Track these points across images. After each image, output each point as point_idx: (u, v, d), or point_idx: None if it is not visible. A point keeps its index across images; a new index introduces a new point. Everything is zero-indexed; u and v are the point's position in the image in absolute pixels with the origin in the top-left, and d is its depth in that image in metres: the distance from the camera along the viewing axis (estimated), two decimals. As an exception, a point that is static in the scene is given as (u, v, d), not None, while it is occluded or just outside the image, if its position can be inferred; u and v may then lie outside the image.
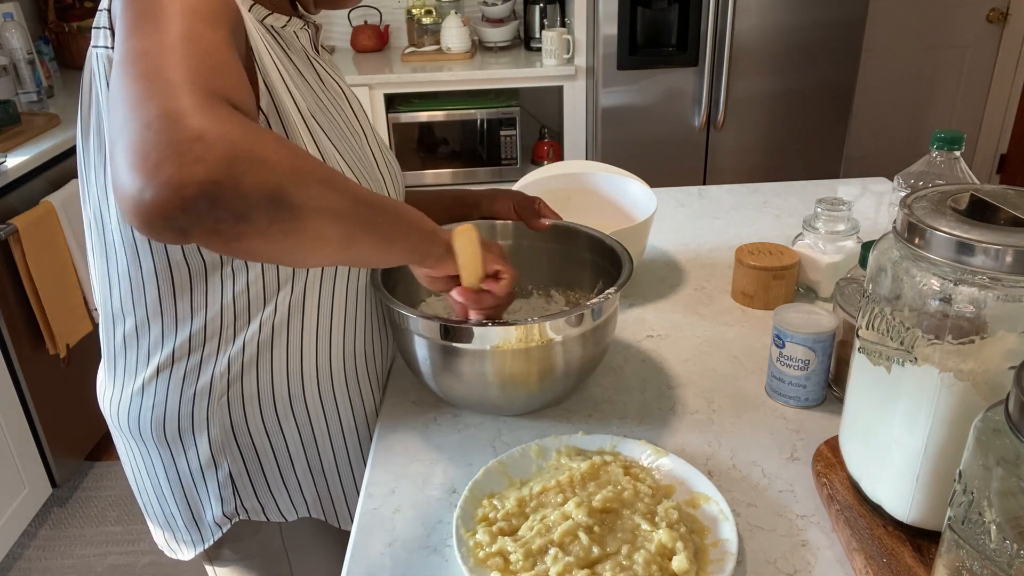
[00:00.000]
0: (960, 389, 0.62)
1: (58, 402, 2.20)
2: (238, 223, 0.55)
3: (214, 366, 0.83)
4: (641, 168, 1.60)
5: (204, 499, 0.89)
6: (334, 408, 0.91)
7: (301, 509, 0.93)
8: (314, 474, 0.92)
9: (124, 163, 0.54)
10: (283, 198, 0.56)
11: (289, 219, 0.58)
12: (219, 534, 0.91)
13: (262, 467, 0.89)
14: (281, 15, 0.82)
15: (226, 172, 0.53)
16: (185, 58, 0.58)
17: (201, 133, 0.54)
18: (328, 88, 0.87)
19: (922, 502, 0.67)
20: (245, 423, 0.86)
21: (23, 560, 2.08)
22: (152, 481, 0.92)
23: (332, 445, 0.93)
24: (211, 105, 0.56)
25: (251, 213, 0.55)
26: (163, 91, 0.55)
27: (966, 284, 0.59)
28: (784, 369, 0.91)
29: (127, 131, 0.55)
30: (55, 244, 2.10)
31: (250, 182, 0.54)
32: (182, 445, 0.87)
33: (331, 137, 0.82)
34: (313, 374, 0.88)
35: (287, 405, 0.88)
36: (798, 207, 1.50)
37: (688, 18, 2.64)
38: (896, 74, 3.42)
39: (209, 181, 0.53)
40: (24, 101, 2.55)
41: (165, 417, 0.86)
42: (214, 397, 0.84)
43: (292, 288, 0.83)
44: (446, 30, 3.01)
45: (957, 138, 1.09)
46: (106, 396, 0.91)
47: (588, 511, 0.72)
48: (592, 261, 1.01)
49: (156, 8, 0.62)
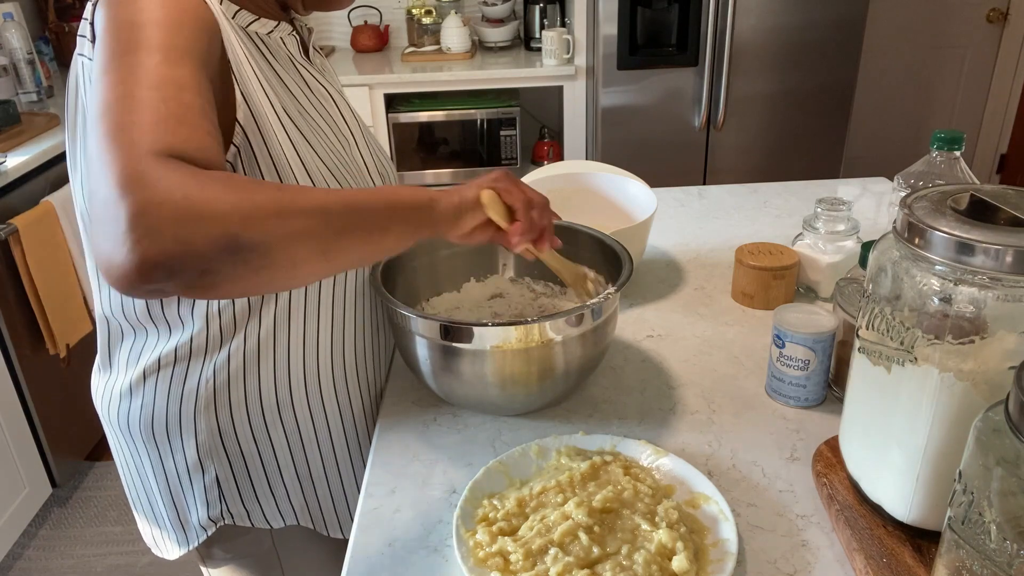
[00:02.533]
0: (960, 389, 0.62)
1: (58, 402, 2.20)
2: (204, 277, 0.58)
3: (200, 373, 0.84)
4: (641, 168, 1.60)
5: (190, 501, 0.90)
6: (323, 417, 0.91)
7: (288, 517, 0.93)
8: (302, 482, 0.92)
9: (97, 233, 0.58)
10: (238, 243, 0.58)
11: (253, 258, 0.59)
12: (204, 536, 0.91)
13: (249, 473, 0.89)
14: (268, 20, 0.82)
15: (175, 239, 0.56)
16: (147, 114, 0.61)
17: (148, 204, 0.56)
18: (315, 93, 0.88)
19: (922, 502, 0.67)
20: (233, 429, 0.86)
21: (23, 560, 2.08)
22: (141, 478, 0.92)
23: (320, 453, 0.93)
24: (164, 167, 0.58)
25: (211, 266, 0.58)
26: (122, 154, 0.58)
27: (966, 284, 0.59)
28: (784, 369, 0.91)
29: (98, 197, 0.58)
30: (55, 244, 2.10)
31: (200, 240, 0.57)
32: (170, 447, 0.87)
33: (312, 143, 0.82)
34: (301, 384, 0.88)
35: (275, 413, 0.88)
36: (798, 207, 1.50)
37: (688, 18, 2.64)
38: (896, 74, 3.42)
39: (162, 254, 0.56)
40: (24, 101, 2.55)
41: (154, 418, 0.86)
42: (201, 402, 0.85)
43: (276, 301, 0.84)
44: (446, 30, 3.01)
45: (957, 138, 1.09)
46: (98, 392, 0.92)
47: (588, 511, 0.71)
48: (592, 261, 1.01)
49: (129, 48, 0.64)
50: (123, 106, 0.61)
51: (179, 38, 0.66)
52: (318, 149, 0.83)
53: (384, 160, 0.98)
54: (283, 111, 0.79)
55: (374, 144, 0.97)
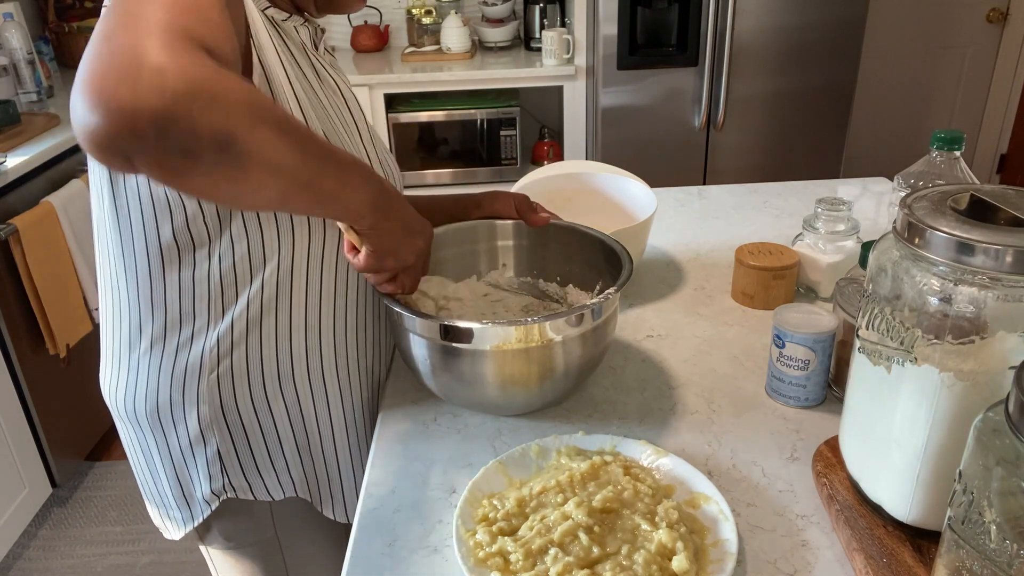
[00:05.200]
0: (960, 389, 0.62)
1: (58, 402, 2.20)
2: (184, 159, 0.56)
3: (204, 342, 0.85)
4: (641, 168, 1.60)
5: (194, 475, 0.91)
6: (322, 390, 0.92)
7: (288, 488, 0.94)
8: (301, 453, 0.93)
9: (82, 84, 0.54)
10: (233, 143, 0.57)
11: (234, 165, 0.58)
12: (208, 511, 0.92)
13: (250, 445, 0.90)
14: (281, 11, 0.83)
15: (182, 106, 0.53)
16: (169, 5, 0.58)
17: (163, 66, 0.53)
18: (324, 83, 0.88)
19: (922, 502, 0.67)
20: (234, 400, 0.87)
21: (23, 560, 2.08)
22: (147, 459, 0.93)
23: (319, 425, 0.93)
24: (182, 45, 0.55)
25: (199, 152, 0.56)
26: (137, 26, 0.55)
27: (966, 284, 0.59)
28: (784, 369, 0.91)
29: (92, 57, 0.55)
30: (55, 244, 2.10)
31: (204, 120, 0.55)
32: (173, 422, 0.88)
33: (323, 126, 0.83)
34: (302, 353, 0.89)
35: (276, 384, 0.88)
36: (798, 207, 1.50)
37: (688, 18, 2.63)
38: (896, 74, 3.41)
39: (163, 111, 0.53)
40: (24, 101, 2.55)
41: (158, 394, 0.87)
42: (204, 373, 0.86)
43: (279, 264, 0.84)
44: (446, 30, 3.01)
45: (957, 138, 1.09)
46: (105, 379, 0.94)
47: (588, 511, 0.71)
48: (592, 261, 1.01)
49: None
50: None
51: None
52: (328, 133, 0.83)
53: (388, 158, 0.98)
54: (299, 88, 0.80)
55: (379, 143, 0.97)
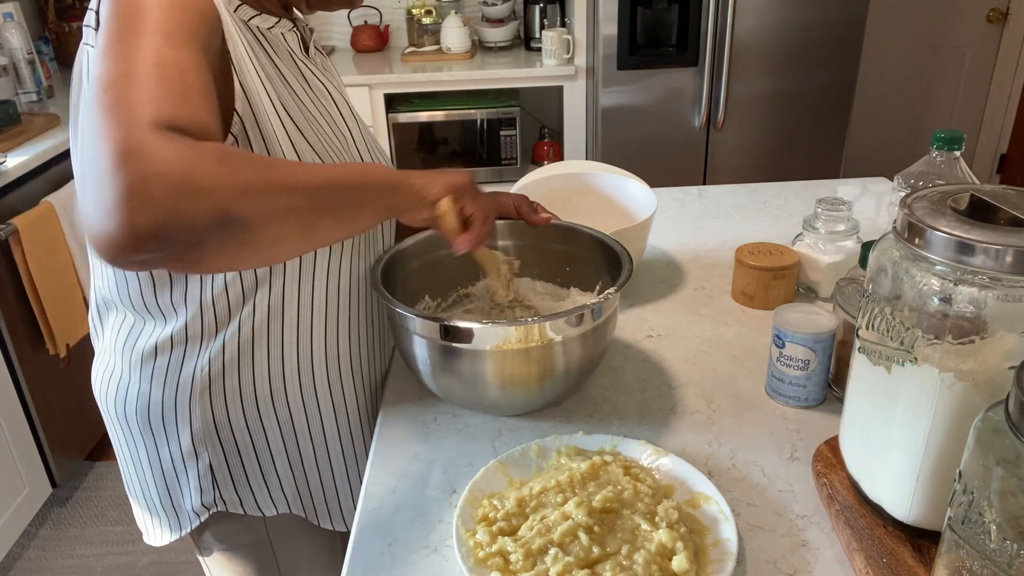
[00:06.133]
0: (960, 389, 0.62)
1: (58, 402, 2.20)
2: (192, 250, 0.59)
3: (196, 361, 0.85)
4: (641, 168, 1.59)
5: (184, 488, 0.90)
6: (315, 408, 0.92)
7: (281, 505, 0.93)
8: (294, 471, 0.93)
9: (87, 202, 0.58)
10: (230, 217, 0.60)
11: (240, 232, 0.61)
12: (196, 522, 0.92)
13: (242, 461, 0.90)
14: (269, 16, 0.83)
15: (171, 210, 0.57)
16: (149, 89, 0.62)
17: (146, 176, 0.57)
18: (314, 90, 0.88)
19: (922, 502, 0.67)
20: (227, 417, 0.87)
21: (23, 560, 2.08)
22: (136, 464, 0.93)
23: (313, 444, 0.93)
24: (163, 140, 0.59)
25: (202, 239, 0.59)
26: (122, 127, 0.59)
27: (966, 284, 0.59)
28: (784, 369, 0.91)
29: (91, 168, 0.59)
30: (55, 244, 2.10)
31: (195, 213, 0.58)
32: (165, 434, 0.88)
33: (308, 137, 0.83)
34: (295, 374, 0.89)
35: (269, 403, 0.88)
36: (798, 207, 1.50)
37: (688, 18, 2.64)
38: (896, 74, 3.42)
39: (158, 223, 0.57)
40: (24, 101, 2.55)
41: (150, 405, 0.87)
42: (196, 390, 0.86)
43: (270, 288, 0.84)
44: (446, 30, 3.01)
45: (957, 138, 1.09)
46: (96, 378, 0.94)
47: (588, 511, 0.71)
48: (592, 261, 1.01)
49: (133, 29, 0.65)
50: (125, 82, 0.62)
51: (182, 22, 0.67)
52: (314, 144, 0.83)
53: (383, 159, 0.98)
54: (281, 105, 0.80)
55: (372, 143, 0.97)
